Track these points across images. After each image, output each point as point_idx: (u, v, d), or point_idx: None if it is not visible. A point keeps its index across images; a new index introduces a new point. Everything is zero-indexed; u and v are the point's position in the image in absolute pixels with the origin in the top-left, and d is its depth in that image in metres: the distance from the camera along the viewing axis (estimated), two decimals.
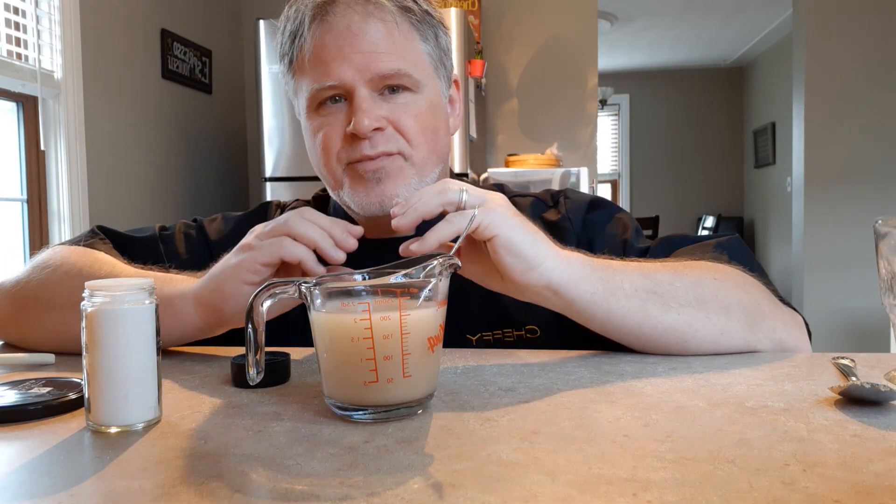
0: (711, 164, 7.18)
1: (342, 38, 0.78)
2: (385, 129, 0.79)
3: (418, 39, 0.82)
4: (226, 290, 0.68)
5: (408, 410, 0.52)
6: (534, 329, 0.84)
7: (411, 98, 0.81)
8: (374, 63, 0.78)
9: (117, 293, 0.51)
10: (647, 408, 0.53)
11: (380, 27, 0.79)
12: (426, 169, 0.82)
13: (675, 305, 0.68)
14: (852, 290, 3.83)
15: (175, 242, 0.94)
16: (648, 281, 0.69)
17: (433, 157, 0.83)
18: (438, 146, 0.84)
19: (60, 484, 0.41)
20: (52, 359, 0.73)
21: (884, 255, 0.59)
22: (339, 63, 0.78)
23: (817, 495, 0.37)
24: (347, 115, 0.79)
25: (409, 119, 0.80)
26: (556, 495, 0.37)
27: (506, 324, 0.84)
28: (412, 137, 0.80)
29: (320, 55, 0.78)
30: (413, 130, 0.80)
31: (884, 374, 0.62)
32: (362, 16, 0.78)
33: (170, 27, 2.99)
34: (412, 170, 0.81)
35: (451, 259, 0.54)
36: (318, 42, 0.79)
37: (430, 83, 0.83)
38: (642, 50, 6.45)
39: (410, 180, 0.81)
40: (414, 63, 0.81)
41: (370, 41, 0.78)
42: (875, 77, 3.82)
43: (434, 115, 0.83)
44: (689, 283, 0.70)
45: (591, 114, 3.56)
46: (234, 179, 3.56)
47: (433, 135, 0.83)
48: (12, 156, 2.29)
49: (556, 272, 0.64)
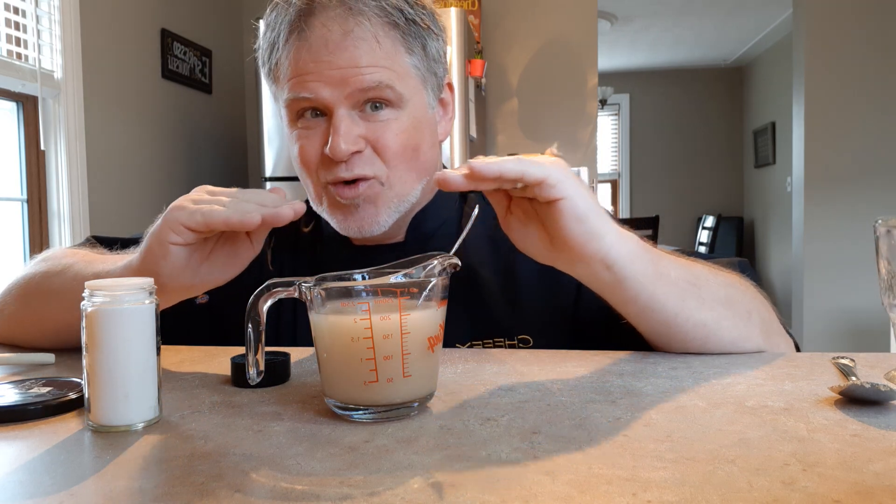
0: (711, 164, 7.18)
1: (319, 54, 0.75)
2: (363, 152, 0.76)
3: (403, 52, 0.78)
4: (155, 251, 0.66)
5: (408, 410, 0.52)
6: (526, 339, 0.83)
7: (393, 115, 0.77)
8: (353, 78, 0.74)
9: (117, 293, 0.51)
10: (647, 408, 0.53)
11: (359, 41, 0.75)
12: (405, 189, 0.80)
13: (708, 301, 0.68)
14: (852, 290, 3.83)
15: None
16: (689, 273, 0.68)
17: (412, 175, 0.80)
18: (419, 163, 0.81)
19: (60, 484, 0.41)
20: (52, 359, 0.73)
21: (884, 255, 0.59)
22: (315, 80, 0.75)
23: (817, 495, 0.37)
24: (325, 132, 0.77)
25: (390, 138, 0.77)
26: (556, 495, 0.37)
27: (496, 333, 0.83)
28: (389, 159, 0.77)
29: (296, 71, 0.76)
30: (391, 152, 0.77)
31: (884, 374, 0.62)
32: (341, 31, 0.75)
33: (170, 27, 2.99)
34: (390, 193, 0.79)
35: (451, 259, 0.54)
36: (294, 57, 0.76)
37: (414, 97, 0.79)
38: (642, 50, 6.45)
39: (390, 203, 0.79)
40: (398, 76, 0.77)
41: (349, 57, 0.74)
42: (875, 77, 3.82)
43: (417, 131, 0.80)
44: (721, 282, 0.71)
45: (591, 114, 3.56)
46: (234, 179, 3.56)
47: (413, 153, 0.79)
48: (12, 156, 2.29)
49: (615, 246, 0.61)
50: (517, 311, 0.83)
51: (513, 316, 0.83)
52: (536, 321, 0.83)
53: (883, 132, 3.83)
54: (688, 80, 7.18)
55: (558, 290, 0.83)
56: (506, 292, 0.84)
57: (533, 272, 0.82)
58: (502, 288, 0.84)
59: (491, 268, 0.85)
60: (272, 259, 0.91)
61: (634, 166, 7.38)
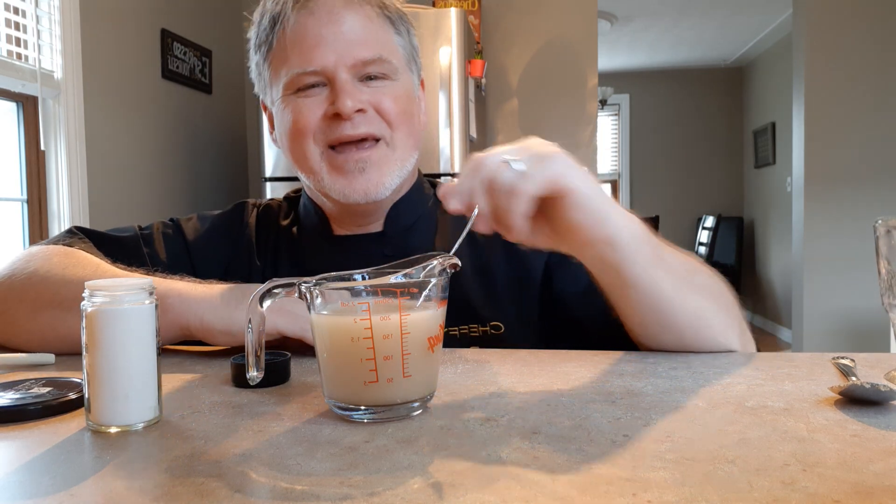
0: (711, 164, 7.18)
1: (323, 23, 0.79)
2: (367, 111, 0.80)
3: (392, 32, 0.84)
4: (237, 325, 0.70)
5: (408, 410, 0.52)
6: (497, 325, 0.85)
7: (389, 84, 0.83)
8: (355, 49, 0.80)
9: (117, 293, 0.51)
10: (647, 408, 0.53)
11: (359, 16, 0.81)
12: (406, 154, 0.84)
13: (701, 291, 0.69)
14: (852, 290, 3.83)
15: (154, 244, 0.93)
16: (683, 261, 0.69)
17: (411, 141, 0.85)
18: (415, 132, 0.86)
19: (60, 484, 0.41)
20: (52, 359, 0.73)
21: (884, 255, 0.59)
22: (321, 49, 0.79)
23: (817, 495, 0.37)
24: (328, 97, 0.80)
25: (390, 101, 0.82)
26: (556, 495, 0.37)
27: (472, 319, 0.85)
28: (393, 119, 0.82)
29: (303, 40, 0.80)
30: (394, 112, 0.82)
31: (884, 374, 0.62)
32: (344, 2, 0.80)
33: (170, 27, 2.99)
34: (394, 155, 0.83)
35: (451, 259, 0.54)
36: (300, 27, 0.80)
37: (404, 74, 0.85)
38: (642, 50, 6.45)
39: (393, 167, 0.83)
40: (391, 52, 0.83)
41: (351, 28, 0.80)
42: (875, 77, 3.82)
43: (410, 101, 0.85)
44: (707, 273, 0.71)
45: (591, 114, 3.56)
46: (234, 179, 3.56)
47: (411, 119, 0.85)
48: (12, 156, 2.29)
49: (620, 228, 0.61)
50: (490, 301, 0.87)
51: (487, 305, 0.87)
52: (508, 310, 0.87)
53: (883, 132, 3.83)
54: (688, 81, 7.17)
55: (528, 281, 0.86)
56: (481, 284, 0.87)
57: (504, 264, 0.87)
58: (478, 279, 0.87)
59: (468, 261, 0.88)
60: (258, 253, 0.93)
61: (634, 166, 7.37)
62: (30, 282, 0.78)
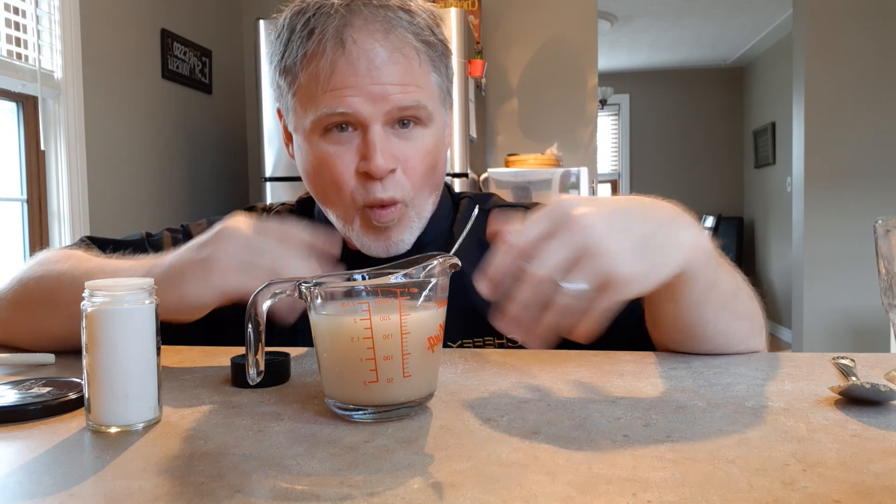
0: (711, 164, 7.18)
1: (362, 68, 0.74)
2: (395, 172, 0.78)
3: (432, 71, 0.80)
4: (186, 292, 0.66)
5: (408, 410, 0.52)
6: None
7: (420, 133, 0.80)
8: (394, 96, 0.75)
9: (117, 293, 0.51)
10: (647, 408, 0.53)
11: (401, 60, 0.76)
12: (423, 208, 0.84)
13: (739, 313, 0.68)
14: (852, 290, 3.83)
15: (164, 247, 0.91)
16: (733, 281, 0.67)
17: (429, 194, 0.84)
18: (435, 181, 0.84)
19: (60, 484, 0.41)
20: (52, 359, 0.73)
21: (884, 255, 0.59)
22: (356, 93, 0.75)
23: (817, 495, 0.37)
24: (359, 148, 0.77)
25: (418, 159, 0.80)
26: (556, 495, 0.37)
27: (486, 332, 0.83)
28: (416, 181, 0.80)
29: (336, 83, 0.75)
30: (418, 173, 0.80)
31: (884, 374, 0.62)
32: (384, 48, 0.75)
33: (170, 27, 2.99)
34: (412, 213, 0.82)
35: (451, 259, 0.54)
36: (336, 71, 0.75)
37: (438, 116, 0.82)
38: (642, 50, 6.45)
39: (412, 224, 0.83)
40: (428, 96, 0.79)
41: (389, 73, 0.75)
42: (875, 77, 3.82)
43: (437, 150, 0.83)
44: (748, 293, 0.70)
45: (591, 114, 3.56)
46: (234, 179, 3.56)
47: (433, 171, 0.83)
48: (12, 156, 2.29)
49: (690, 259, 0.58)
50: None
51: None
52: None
53: (883, 132, 3.83)
54: (688, 81, 7.17)
55: None
56: None
57: None
58: None
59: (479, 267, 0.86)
60: None
61: (634, 166, 7.37)
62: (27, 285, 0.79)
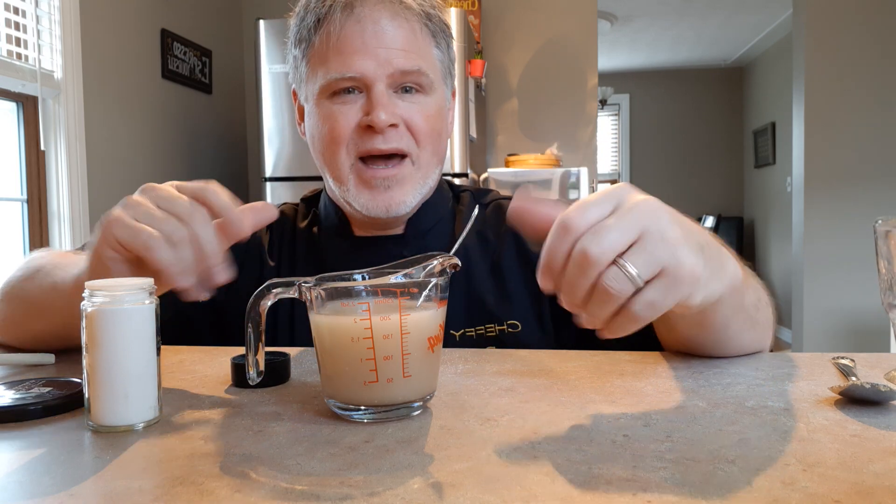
0: (711, 164, 7.18)
1: (368, 31, 0.80)
2: (398, 127, 0.81)
3: (433, 45, 0.85)
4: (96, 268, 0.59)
5: (408, 410, 0.52)
6: (515, 324, 0.86)
7: (423, 99, 0.84)
8: (396, 59, 0.80)
9: (117, 293, 0.51)
10: (647, 408, 0.53)
11: (404, 26, 0.81)
12: (429, 171, 0.86)
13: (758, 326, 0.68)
14: (852, 290, 3.83)
15: None
16: (756, 297, 0.66)
17: (435, 159, 0.86)
18: (440, 149, 0.87)
19: (60, 484, 0.41)
20: (52, 359, 0.73)
21: (884, 255, 0.59)
22: (362, 56, 0.79)
23: (817, 495, 0.37)
24: (363, 107, 0.81)
25: (421, 119, 0.83)
26: (556, 495, 0.37)
27: (487, 319, 0.86)
28: (421, 138, 0.83)
29: (345, 45, 0.80)
30: (423, 131, 0.83)
31: (884, 374, 0.62)
32: (390, 13, 0.81)
33: (170, 27, 2.99)
34: (418, 174, 0.84)
35: (451, 259, 0.54)
36: (344, 32, 0.80)
37: (439, 88, 0.86)
38: (642, 50, 6.45)
39: (416, 185, 0.84)
40: (430, 66, 0.84)
41: (394, 38, 0.80)
42: (875, 77, 3.82)
43: (440, 118, 0.86)
44: (766, 302, 0.70)
45: (591, 114, 3.56)
46: (234, 179, 3.56)
47: (437, 137, 0.85)
48: (12, 156, 2.29)
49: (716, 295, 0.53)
50: (505, 299, 0.87)
51: (502, 304, 0.87)
52: (523, 307, 0.87)
53: (883, 132, 3.83)
54: (688, 80, 7.17)
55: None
56: (495, 283, 0.88)
57: (516, 262, 0.88)
58: (491, 279, 0.88)
59: (481, 260, 0.89)
60: (270, 254, 0.93)
61: (634, 166, 7.37)
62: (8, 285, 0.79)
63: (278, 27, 2.83)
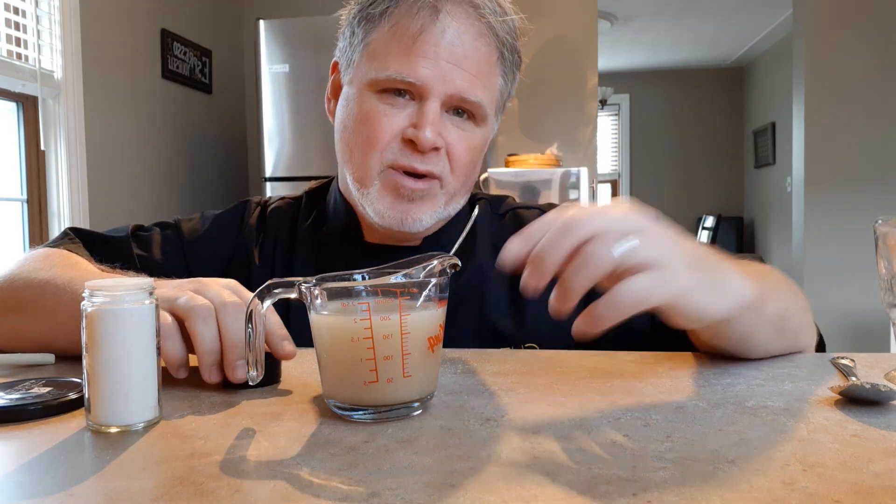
0: (711, 164, 7.18)
1: (446, 41, 0.75)
2: (440, 150, 0.78)
3: (499, 77, 0.81)
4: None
5: (408, 410, 0.52)
6: (533, 346, 0.82)
7: (471, 127, 0.80)
8: (461, 82, 0.75)
9: (117, 293, 0.51)
10: (647, 408, 0.53)
11: (482, 49, 0.76)
12: (455, 198, 0.82)
13: (785, 335, 0.67)
14: (852, 290, 3.83)
15: (151, 244, 0.89)
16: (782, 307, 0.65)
17: (464, 189, 0.83)
18: (470, 181, 0.83)
19: (60, 484, 0.41)
20: (52, 359, 0.73)
21: (884, 255, 0.59)
22: (431, 65, 0.74)
23: (817, 495, 0.37)
24: (410, 116, 0.76)
25: (464, 148, 0.79)
26: (556, 495, 0.37)
27: (504, 343, 0.81)
28: (458, 167, 0.79)
29: (416, 47, 0.75)
30: (462, 160, 0.79)
31: (884, 374, 0.62)
32: (476, 32, 0.76)
33: (170, 27, 2.99)
34: (443, 197, 0.80)
35: (451, 259, 0.54)
36: (423, 34, 0.74)
37: (490, 122, 0.82)
38: (642, 50, 6.45)
39: (437, 207, 0.80)
40: (490, 98, 0.80)
41: (468, 58, 0.75)
42: (875, 77, 3.82)
43: (480, 151, 0.83)
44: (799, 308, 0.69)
45: (591, 114, 3.56)
46: (234, 179, 3.56)
47: (472, 170, 0.82)
48: (12, 156, 2.29)
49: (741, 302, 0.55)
50: (524, 321, 0.83)
51: (520, 326, 0.83)
52: (542, 330, 0.82)
53: (883, 132, 3.83)
54: (688, 81, 7.18)
55: None
56: (512, 303, 0.84)
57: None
58: (509, 296, 0.84)
59: (497, 279, 0.85)
60: (263, 253, 0.89)
61: (634, 166, 7.38)
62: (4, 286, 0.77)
63: (278, 27, 2.83)
